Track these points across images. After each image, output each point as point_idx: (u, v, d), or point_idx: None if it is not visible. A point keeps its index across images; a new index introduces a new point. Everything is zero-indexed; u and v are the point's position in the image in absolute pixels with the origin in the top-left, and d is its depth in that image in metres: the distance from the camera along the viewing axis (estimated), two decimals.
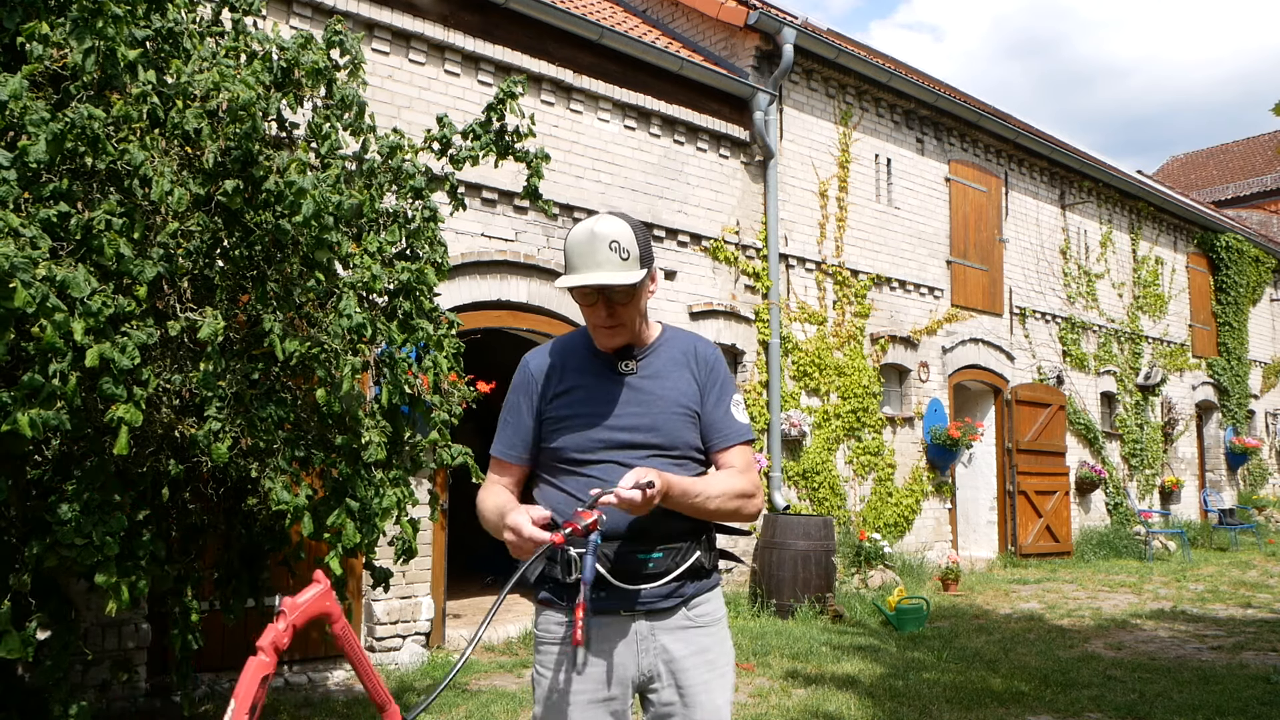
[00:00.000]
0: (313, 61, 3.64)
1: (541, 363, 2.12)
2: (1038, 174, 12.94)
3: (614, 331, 2.02)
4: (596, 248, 1.93)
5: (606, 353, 2.08)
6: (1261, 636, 7.20)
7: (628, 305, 1.99)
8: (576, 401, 2.04)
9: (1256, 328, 17.65)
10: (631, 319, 2.02)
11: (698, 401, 2.07)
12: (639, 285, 1.97)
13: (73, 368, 2.80)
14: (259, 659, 1.57)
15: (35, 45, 3.00)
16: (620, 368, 2.07)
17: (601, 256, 1.92)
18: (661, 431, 2.01)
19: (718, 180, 8.98)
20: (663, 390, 2.05)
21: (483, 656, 6.49)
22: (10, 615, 3.14)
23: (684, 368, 2.09)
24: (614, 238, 1.93)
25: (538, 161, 4.55)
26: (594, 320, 2.02)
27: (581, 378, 2.06)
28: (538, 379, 2.10)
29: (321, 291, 3.57)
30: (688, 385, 2.07)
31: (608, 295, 1.97)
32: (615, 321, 2.01)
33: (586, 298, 1.99)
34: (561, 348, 2.14)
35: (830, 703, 5.15)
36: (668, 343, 2.12)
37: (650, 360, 2.09)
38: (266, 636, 1.58)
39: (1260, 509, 16.50)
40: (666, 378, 2.07)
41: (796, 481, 9.22)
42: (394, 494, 3.79)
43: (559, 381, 2.07)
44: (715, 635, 2.07)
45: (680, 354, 2.11)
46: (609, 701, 1.99)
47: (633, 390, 2.05)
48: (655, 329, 2.14)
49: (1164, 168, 29.09)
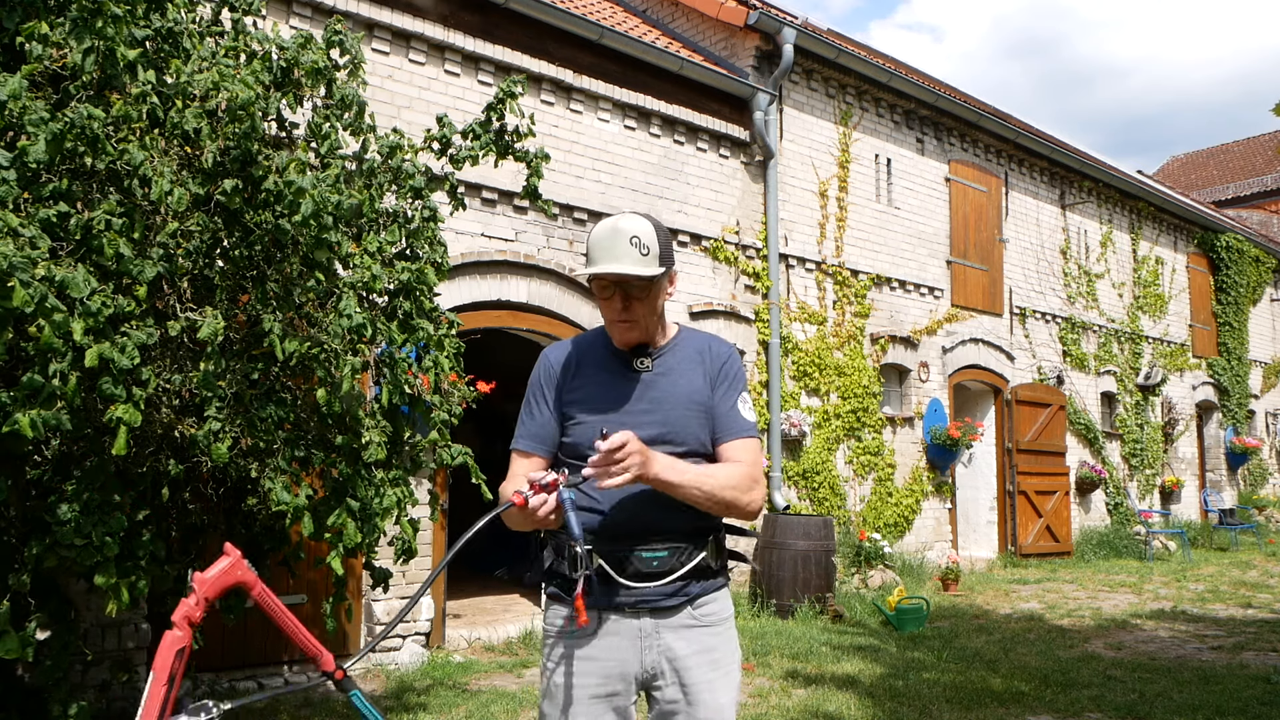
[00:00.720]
0: (312, 61, 3.64)
1: (560, 357, 2.15)
2: (1038, 174, 12.94)
3: (628, 326, 2.05)
4: (618, 241, 1.97)
5: (623, 350, 2.10)
6: (1261, 636, 7.20)
7: (644, 300, 2.03)
8: (591, 397, 2.07)
9: (1256, 328, 17.65)
10: (647, 316, 2.05)
11: (709, 397, 2.09)
12: (656, 282, 2.02)
13: (72, 368, 2.80)
14: (173, 633, 1.66)
15: (35, 45, 3.00)
16: (636, 365, 2.10)
17: (621, 250, 1.97)
18: (671, 427, 2.03)
19: (718, 180, 8.98)
20: (675, 387, 2.08)
21: (483, 656, 6.49)
22: (10, 615, 3.14)
23: (697, 365, 2.12)
24: (636, 234, 1.99)
25: (537, 161, 4.55)
26: (610, 314, 2.06)
27: (597, 374, 2.10)
28: (556, 372, 2.13)
29: (321, 291, 3.57)
30: (699, 382, 2.10)
31: (625, 289, 2.01)
32: (630, 316, 2.04)
33: (604, 290, 2.03)
34: (580, 344, 2.17)
35: (830, 703, 5.14)
36: (683, 342, 2.16)
37: (665, 359, 2.12)
38: (179, 611, 1.68)
39: (1260, 509, 16.50)
40: (680, 375, 2.10)
41: (796, 481, 9.21)
42: (394, 494, 3.79)
43: (575, 376, 2.10)
44: (721, 635, 2.08)
45: (695, 352, 2.14)
46: (613, 697, 2.01)
47: (646, 387, 2.07)
48: (672, 329, 2.18)
49: (1164, 168, 29.09)
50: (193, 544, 4.08)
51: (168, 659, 1.64)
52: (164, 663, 1.64)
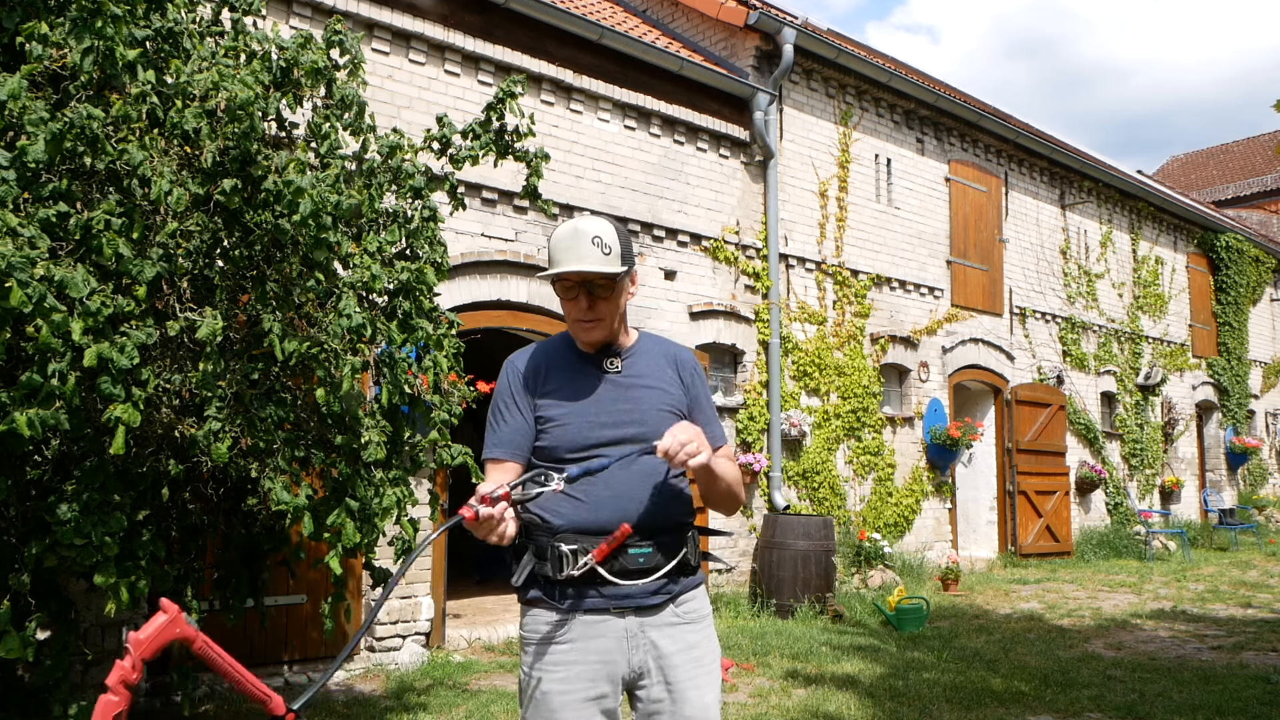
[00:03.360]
0: (312, 61, 3.63)
1: (526, 363, 2.16)
2: (1038, 174, 12.94)
3: (593, 326, 2.07)
4: (580, 241, 2.01)
5: (590, 352, 2.13)
6: (1261, 636, 7.20)
7: (608, 300, 2.06)
8: (564, 400, 2.08)
9: (1256, 328, 17.65)
10: (610, 315, 2.08)
11: (683, 404, 2.14)
12: (619, 281, 2.06)
13: (71, 368, 2.80)
14: (108, 697, 1.58)
15: (34, 45, 3.00)
16: (606, 365, 2.12)
17: (585, 250, 2.00)
18: (649, 427, 2.04)
19: (718, 180, 8.98)
20: (649, 391, 2.11)
21: (483, 656, 6.49)
22: (10, 615, 3.14)
23: (667, 370, 2.16)
24: (597, 234, 2.02)
25: (537, 161, 4.55)
26: (574, 313, 2.08)
27: (568, 377, 2.11)
28: (527, 377, 2.13)
29: (321, 291, 3.57)
30: (673, 387, 2.14)
31: (589, 289, 2.04)
32: (594, 315, 2.06)
33: (569, 291, 2.06)
34: (544, 349, 2.18)
35: (830, 703, 5.14)
36: (648, 348, 2.19)
37: (634, 361, 2.15)
38: (115, 675, 1.58)
39: (1260, 509, 16.50)
40: (651, 377, 2.13)
41: (796, 481, 9.21)
42: (394, 494, 3.79)
43: (545, 381, 2.11)
44: (702, 632, 2.09)
45: (663, 358, 2.18)
46: (600, 699, 2.00)
47: (619, 388, 2.10)
48: (633, 335, 2.21)
49: (1164, 168, 29.09)
50: (193, 544, 4.08)
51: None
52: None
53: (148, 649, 1.64)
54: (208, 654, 1.71)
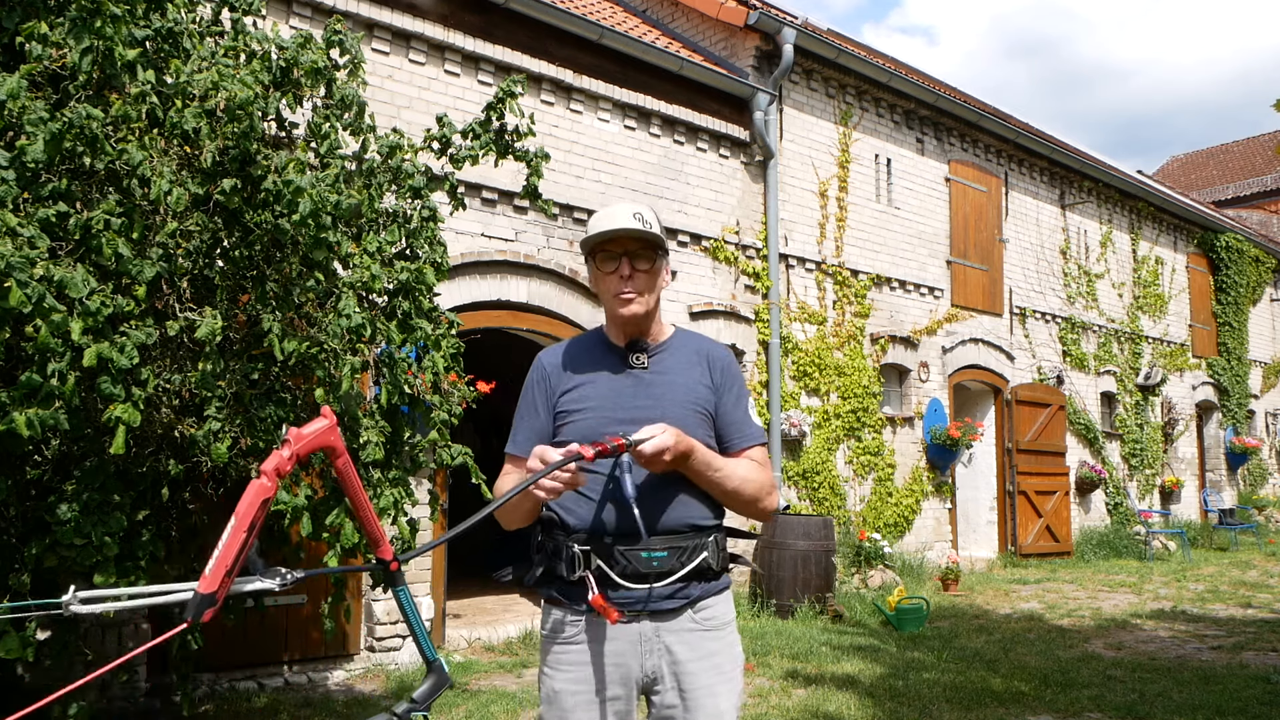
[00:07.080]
0: (312, 61, 3.63)
1: (554, 359, 2.14)
2: (1038, 174, 12.94)
3: (631, 297, 2.04)
4: (621, 212, 2.02)
5: (620, 347, 2.10)
6: (1261, 636, 7.20)
7: (647, 272, 2.04)
8: (589, 395, 2.05)
9: (1256, 328, 17.65)
10: (648, 290, 2.05)
11: (711, 403, 2.08)
12: (658, 258, 2.06)
13: (71, 367, 2.79)
14: (260, 482, 1.58)
15: (34, 45, 2.99)
16: (632, 361, 2.08)
17: (626, 220, 2.01)
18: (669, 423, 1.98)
19: (718, 180, 8.98)
20: (674, 385, 2.06)
21: (483, 656, 6.49)
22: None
23: (696, 367, 2.10)
24: (637, 211, 2.03)
25: (537, 161, 4.54)
26: (613, 286, 2.05)
27: (595, 372, 2.08)
28: (551, 374, 2.12)
29: (321, 291, 3.57)
30: (701, 385, 2.08)
31: (630, 258, 2.02)
32: (635, 287, 2.03)
33: (607, 263, 2.04)
34: (575, 345, 2.17)
35: (830, 703, 5.14)
36: (680, 343, 2.15)
37: (662, 357, 2.11)
38: (270, 462, 1.61)
39: (1260, 509, 16.50)
40: (678, 374, 2.08)
41: (796, 481, 9.21)
42: (391, 494, 3.79)
43: (571, 376, 2.09)
44: (723, 639, 2.04)
45: (694, 354, 2.13)
46: (614, 701, 1.98)
47: (643, 384, 2.06)
48: (668, 329, 2.17)
49: (1164, 168, 29.08)
50: (192, 544, 4.08)
51: (252, 507, 1.55)
52: (248, 509, 1.55)
53: (305, 447, 1.67)
54: (346, 472, 1.75)
